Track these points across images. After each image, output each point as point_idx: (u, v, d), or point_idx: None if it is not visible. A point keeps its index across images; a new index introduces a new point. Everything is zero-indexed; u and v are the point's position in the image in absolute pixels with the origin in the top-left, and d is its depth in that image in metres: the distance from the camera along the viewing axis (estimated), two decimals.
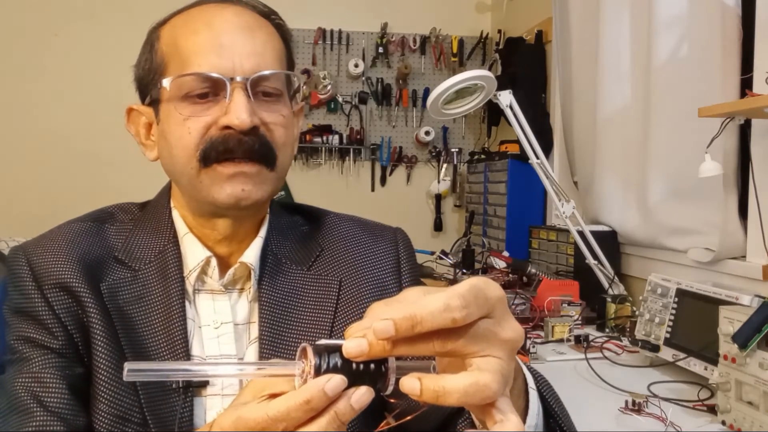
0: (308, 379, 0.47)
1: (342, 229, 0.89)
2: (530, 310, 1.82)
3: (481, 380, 0.46)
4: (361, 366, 0.48)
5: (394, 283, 0.86)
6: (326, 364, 0.47)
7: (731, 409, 1.12)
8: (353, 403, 0.47)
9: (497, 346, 0.48)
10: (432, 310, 0.45)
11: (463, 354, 0.48)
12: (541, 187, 2.00)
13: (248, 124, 0.72)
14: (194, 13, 0.78)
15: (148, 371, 0.48)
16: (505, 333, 0.49)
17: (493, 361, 0.48)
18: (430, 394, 0.46)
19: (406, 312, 0.45)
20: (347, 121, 3.46)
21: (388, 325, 0.45)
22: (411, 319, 0.45)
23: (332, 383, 0.46)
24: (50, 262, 0.76)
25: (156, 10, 0.83)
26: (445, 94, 1.64)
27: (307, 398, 0.46)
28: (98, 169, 3.23)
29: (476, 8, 3.58)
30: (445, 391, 0.46)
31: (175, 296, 0.77)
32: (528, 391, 0.60)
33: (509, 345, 0.49)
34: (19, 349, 0.74)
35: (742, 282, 1.56)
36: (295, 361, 0.49)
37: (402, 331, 0.45)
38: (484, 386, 0.46)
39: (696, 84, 1.70)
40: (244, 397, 0.51)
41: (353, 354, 0.46)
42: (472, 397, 0.46)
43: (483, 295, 0.47)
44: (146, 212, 0.85)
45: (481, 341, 0.47)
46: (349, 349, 0.46)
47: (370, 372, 0.48)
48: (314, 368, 0.47)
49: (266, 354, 0.77)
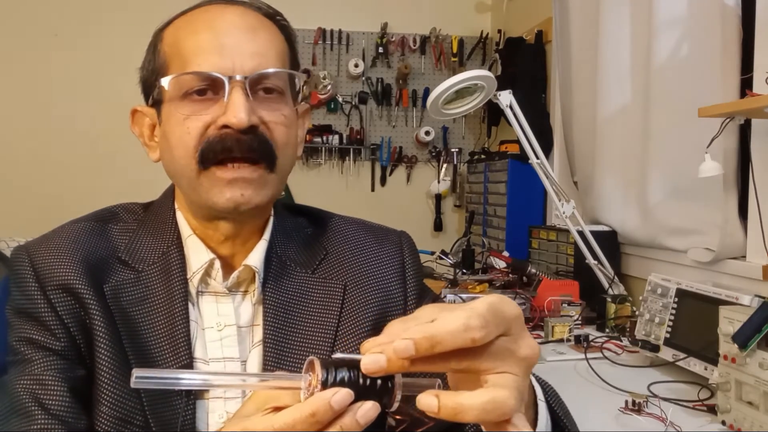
0: (315, 393, 0.47)
1: (347, 232, 0.89)
2: (530, 310, 1.82)
3: (498, 397, 0.46)
4: (368, 381, 0.48)
5: (399, 287, 0.86)
6: (333, 378, 0.47)
7: (731, 409, 1.12)
8: (359, 417, 0.47)
9: (514, 363, 0.48)
10: (452, 330, 0.45)
11: (479, 371, 0.48)
12: (541, 187, 2.00)
13: (246, 122, 0.72)
14: (197, 14, 0.78)
15: (156, 379, 0.48)
16: (522, 351, 0.49)
17: (510, 377, 0.48)
18: (448, 411, 0.46)
19: (426, 332, 0.45)
20: (347, 121, 3.46)
21: (408, 345, 0.45)
22: (431, 339, 0.45)
23: (338, 397, 0.46)
24: (53, 263, 0.76)
25: (161, 9, 0.83)
26: (445, 94, 1.64)
27: (313, 411, 0.46)
28: (101, 169, 3.23)
29: (476, 8, 3.58)
30: (463, 408, 0.46)
31: (179, 298, 0.77)
32: (537, 403, 0.60)
33: (526, 362, 0.49)
34: (21, 350, 0.74)
35: (742, 282, 1.56)
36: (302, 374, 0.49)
37: (422, 351, 0.45)
38: (502, 403, 0.46)
39: (696, 84, 1.70)
40: (247, 409, 0.51)
41: (371, 370, 0.46)
42: (490, 414, 0.46)
43: (501, 314, 0.48)
44: (150, 213, 0.85)
45: (498, 359, 0.47)
46: (367, 365, 0.46)
47: (376, 388, 0.48)
48: (321, 382, 0.47)
49: (270, 357, 0.77)
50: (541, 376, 0.66)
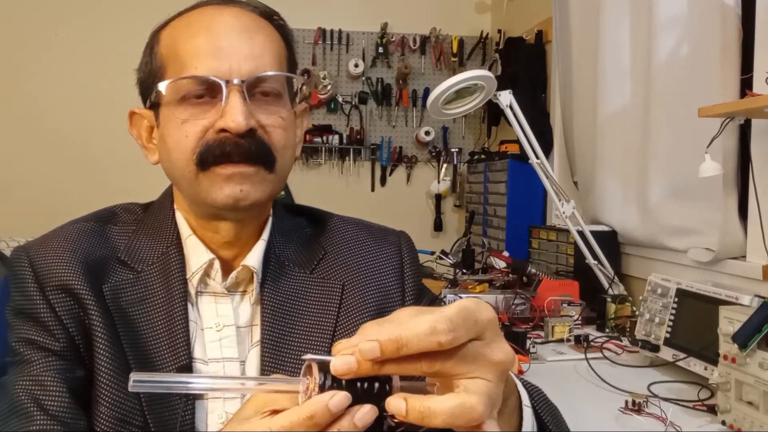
0: (312, 396, 0.47)
1: (346, 233, 0.89)
2: (530, 310, 1.82)
3: (467, 402, 0.46)
4: (365, 384, 0.48)
5: (397, 287, 0.86)
6: (331, 382, 0.47)
7: (731, 409, 1.12)
8: (356, 421, 0.47)
9: (486, 367, 0.48)
10: (418, 333, 0.45)
11: (451, 375, 0.47)
12: (541, 187, 2.00)
13: (244, 126, 0.72)
14: (194, 16, 0.77)
15: (154, 382, 0.48)
16: (495, 355, 0.48)
17: (481, 383, 0.47)
18: (415, 414, 0.46)
19: (391, 334, 0.45)
20: (347, 121, 3.46)
21: (373, 347, 0.45)
22: (396, 341, 0.45)
23: (336, 399, 0.46)
24: (52, 264, 0.76)
25: (161, 10, 0.82)
26: (445, 94, 1.64)
27: (311, 414, 0.46)
28: (100, 169, 3.23)
29: (476, 8, 3.58)
30: (431, 412, 0.46)
31: (178, 298, 0.77)
32: (522, 408, 0.59)
33: (499, 367, 0.49)
34: (21, 351, 0.74)
35: (742, 282, 1.56)
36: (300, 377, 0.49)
37: (387, 353, 0.45)
38: (471, 408, 0.46)
39: (696, 84, 1.70)
40: (246, 413, 0.51)
41: (341, 371, 0.46)
42: (458, 419, 0.46)
43: (473, 318, 0.47)
44: (149, 213, 0.85)
45: (470, 363, 0.47)
46: (336, 367, 0.46)
47: (374, 391, 0.48)
48: (318, 386, 0.47)
49: (268, 357, 0.77)
50: (541, 375, 0.67)
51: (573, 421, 0.72)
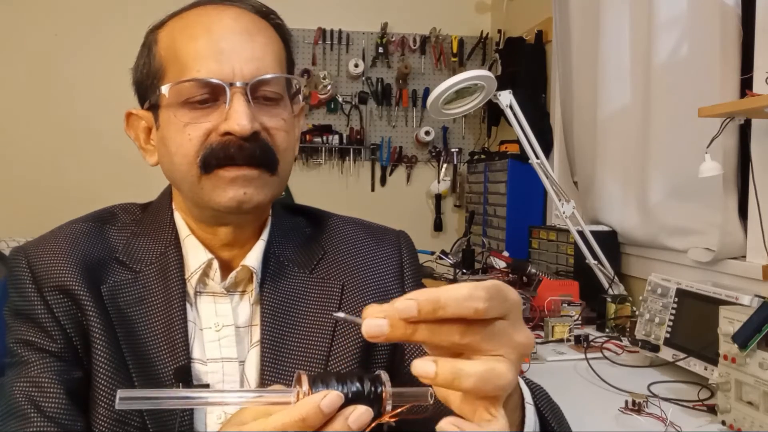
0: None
1: (345, 232, 0.89)
2: (530, 310, 1.82)
3: (497, 368, 0.46)
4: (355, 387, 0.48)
5: (397, 287, 0.86)
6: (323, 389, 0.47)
7: (731, 409, 1.12)
8: (351, 422, 0.47)
9: (510, 347, 0.48)
10: (456, 297, 0.45)
11: (477, 350, 0.47)
12: (541, 187, 2.00)
13: (249, 130, 0.71)
14: (193, 17, 0.77)
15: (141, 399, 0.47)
16: (518, 336, 0.48)
17: (504, 360, 0.47)
18: (446, 376, 0.45)
19: (430, 296, 0.45)
20: (347, 121, 3.46)
21: (410, 305, 0.44)
22: (435, 302, 0.44)
23: (328, 400, 0.46)
24: (50, 265, 0.75)
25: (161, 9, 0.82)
26: (445, 94, 1.64)
27: (303, 415, 0.46)
28: (100, 169, 3.22)
29: (476, 8, 3.58)
30: (463, 374, 0.45)
31: (176, 298, 0.77)
32: (524, 406, 0.59)
33: (520, 349, 0.49)
34: (18, 352, 0.74)
35: (742, 282, 1.56)
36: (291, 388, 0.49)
37: (424, 313, 0.44)
38: (501, 374, 0.46)
39: (696, 84, 1.70)
40: (243, 417, 0.50)
41: (372, 334, 0.45)
42: (488, 383, 0.45)
43: (503, 295, 0.47)
44: (148, 214, 0.85)
45: (497, 341, 0.47)
46: (368, 329, 0.45)
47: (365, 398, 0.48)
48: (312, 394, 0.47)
49: (267, 357, 0.76)
50: (541, 375, 0.67)
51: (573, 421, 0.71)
